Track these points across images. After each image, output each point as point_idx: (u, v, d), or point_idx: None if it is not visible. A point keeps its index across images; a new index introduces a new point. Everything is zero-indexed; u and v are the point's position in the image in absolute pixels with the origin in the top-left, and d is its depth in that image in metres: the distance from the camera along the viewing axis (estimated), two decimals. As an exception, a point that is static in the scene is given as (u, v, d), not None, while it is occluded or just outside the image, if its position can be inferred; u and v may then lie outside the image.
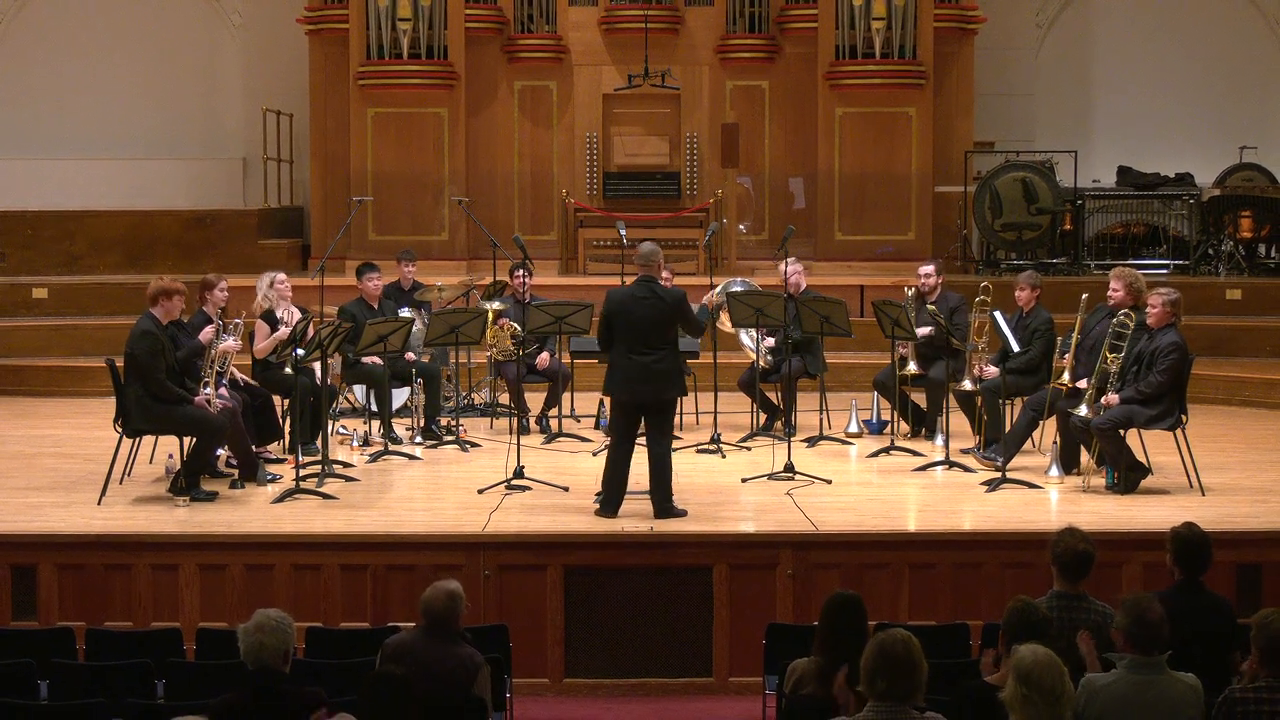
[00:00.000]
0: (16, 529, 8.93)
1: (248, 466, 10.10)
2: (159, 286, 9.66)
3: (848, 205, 16.64)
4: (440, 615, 6.30)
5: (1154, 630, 5.56)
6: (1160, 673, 5.53)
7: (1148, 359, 9.67)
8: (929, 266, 11.67)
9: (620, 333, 9.12)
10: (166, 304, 9.62)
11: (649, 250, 9.30)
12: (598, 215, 16.55)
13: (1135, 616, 5.58)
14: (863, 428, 12.01)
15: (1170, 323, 9.73)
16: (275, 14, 18.31)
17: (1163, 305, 9.73)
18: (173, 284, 9.72)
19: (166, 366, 9.49)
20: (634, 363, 9.09)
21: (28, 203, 17.46)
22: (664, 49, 16.57)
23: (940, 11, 16.69)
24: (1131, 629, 5.57)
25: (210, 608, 8.58)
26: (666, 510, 9.11)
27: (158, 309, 9.60)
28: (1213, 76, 18.88)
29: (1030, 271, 11.30)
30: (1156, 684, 5.50)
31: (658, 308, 9.13)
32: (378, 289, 11.94)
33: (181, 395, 9.51)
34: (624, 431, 9.22)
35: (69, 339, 15.12)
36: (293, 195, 18.46)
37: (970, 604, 8.51)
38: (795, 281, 11.93)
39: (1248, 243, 16.79)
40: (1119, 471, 9.76)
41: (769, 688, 7.15)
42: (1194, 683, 5.56)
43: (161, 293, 9.61)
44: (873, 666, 5.13)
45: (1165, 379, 9.58)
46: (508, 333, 11.68)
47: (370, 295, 11.88)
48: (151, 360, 9.42)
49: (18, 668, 6.71)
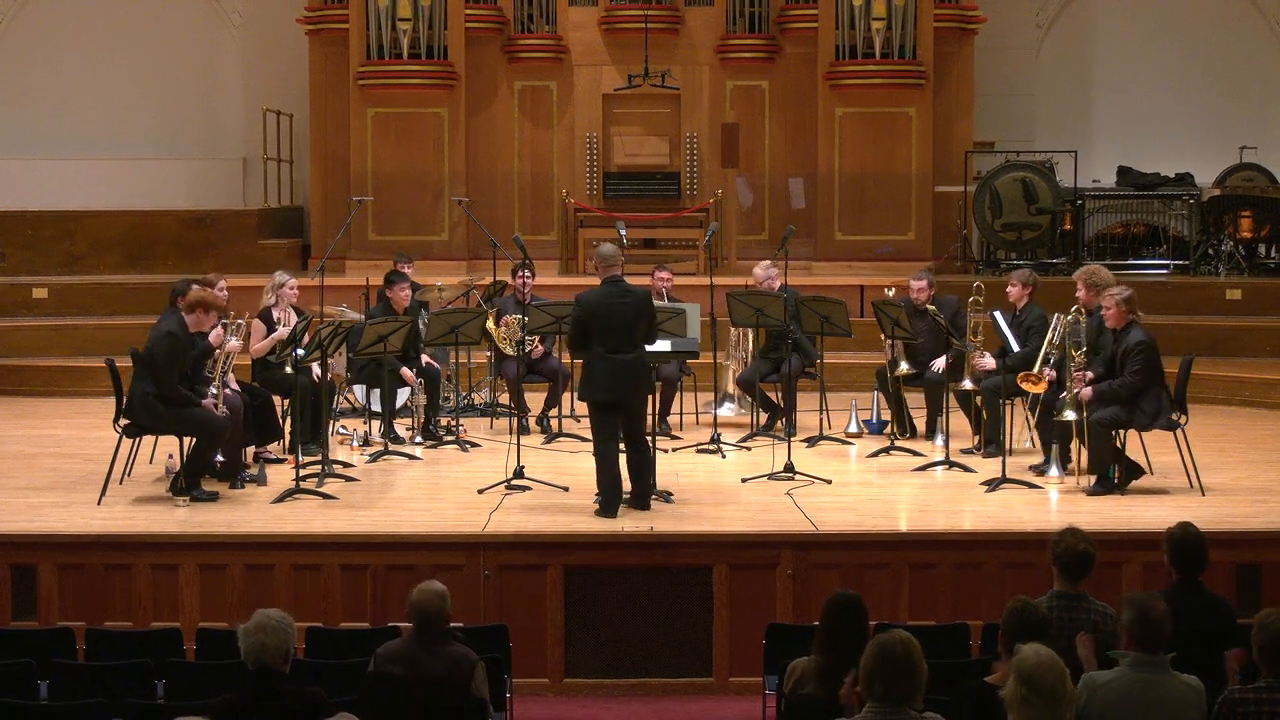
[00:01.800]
0: (16, 529, 8.93)
1: (230, 465, 10.04)
2: (200, 298, 9.44)
3: (848, 205, 16.64)
4: (432, 616, 6.29)
5: (1157, 628, 5.56)
6: (1163, 672, 5.52)
7: (1120, 361, 9.66)
8: (921, 281, 11.59)
9: (600, 334, 9.19)
10: (201, 317, 9.45)
11: (612, 251, 9.44)
12: (598, 215, 16.55)
13: (1139, 614, 5.57)
14: (863, 428, 12.01)
15: (1130, 320, 9.69)
16: (275, 14, 18.31)
17: (1116, 305, 9.69)
18: (215, 299, 9.52)
19: (181, 371, 9.45)
20: (617, 362, 9.17)
21: (28, 203, 17.46)
22: (664, 49, 16.57)
23: (940, 11, 16.68)
24: (1135, 626, 5.56)
25: (210, 608, 8.58)
26: (649, 502, 9.26)
27: (191, 317, 9.44)
28: (1213, 76, 18.89)
29: (1022, 269, 11.31)
30: (1159, 683, 5.50)
31: (634, 306, 9.28)
32: (406, 298, 11.80)
33: (189, 399, 9.45)
34: (610, 431, 9.26)
35: (69, 339, 15.12)
36: (293, 195, 18.46)
37: (970, 604, 8.51)
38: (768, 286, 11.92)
39: (1248, 243, 16.79)
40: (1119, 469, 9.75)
41: (769, 688, 7.14)
42: (1196, 684, 5.55)
43: (200, 304, 9.42)
44: (872, 668, 5.12)
45: (1138, 379, 9.56)
46: (516, 324, 11.69)
47: (398, 303, 11.73)
48: (169, 362, 9.32)
49: (18, 668, 6.71)
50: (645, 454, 9.36)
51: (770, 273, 12.03)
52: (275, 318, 10.87)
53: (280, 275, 11.21)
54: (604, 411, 9.27)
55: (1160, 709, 5.46)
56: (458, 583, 8.33)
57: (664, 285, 12.20)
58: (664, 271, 12.35)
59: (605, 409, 9.25)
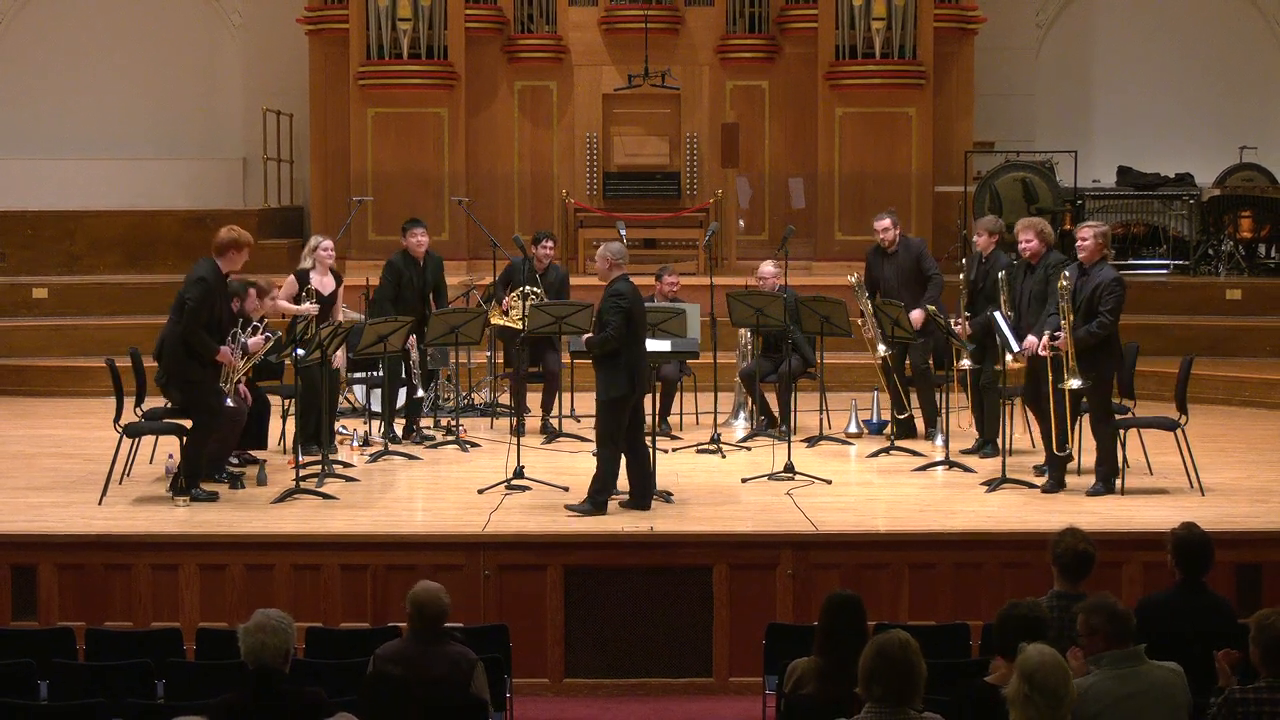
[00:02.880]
0: (16, 529, 8.93)
1: (214, 462, 9.97)
2: (230, 237, 9.56)
3: (848, 205, 16.62)
4: (432, 616, 6.29)
5: (1125, 620, 5.59)
6: (1141, 663, 5.54)
7: (1085, 300, 9.35)
8: (884, 220, 11.59)
9: (636, 328, 9.25)
10: (235, 256, 9.58)
11: (623, 250, 9.51)
12: (598, 215, 16.54)
13: (1108, 614, 5.59)
14: (863, 428, 12.01)
15: (1102, 257, 9.51)
16: (275, 14, 18.31)
17: (1094, 237, 9.46)
18: (243, 235, 9.64)
19: (210, 319, 9.45)
20: (642, 357, 9.27)
21: (28, 203, 17.46)
22: (664, 49, 16.57)
23: (940, 11, 16.68)
24: (1107, 625, 5.57)
25: (210, 608, 8.58)
26: (651, 501, 9.32)
27: (223, 259, 9.55)
28: (1213, 76, 18.89)
29: (988, 216, 11.34)
30: (1139, 674, 5.51)
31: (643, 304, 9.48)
32: (421, 245, 11.74)
33: (212, 349, 9.43)
34: (623, 428, 9.24)
35: (69, 339, 15.12)
36: (293, 195, 18.47)
37: (970, 604, 8.51)
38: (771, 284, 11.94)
39: (1248, 243, 16.80)
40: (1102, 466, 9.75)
41: (769, 688, 7.14)
42: (1176, 669, 5.57)
43: (232, 244, 9.54)
44: (870, 669, 5.12)
45: (1113, 317, 9.34)
46: (516, 298, 11.74)
47: (415, 250, 11.71)
48: (198, 306, 9.34)
49: (18, 668, 6.70)
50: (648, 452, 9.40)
51: (778, 270, 12.05)
52: (311, 282, 10.98)
53: (316, 238, 11.41)
54: (624, 408, 9.21)
55: (1148, 697, 5.48)
56: (458, 583, 8.34)
57: (671, 289, 12.20)
58: (671, 276, 12.33)
59: (626, 404, 9.22)
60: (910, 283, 11.40)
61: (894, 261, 11.52)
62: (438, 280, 11.89)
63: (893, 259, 11.53)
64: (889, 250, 11.55)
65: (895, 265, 11.50)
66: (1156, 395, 11.96)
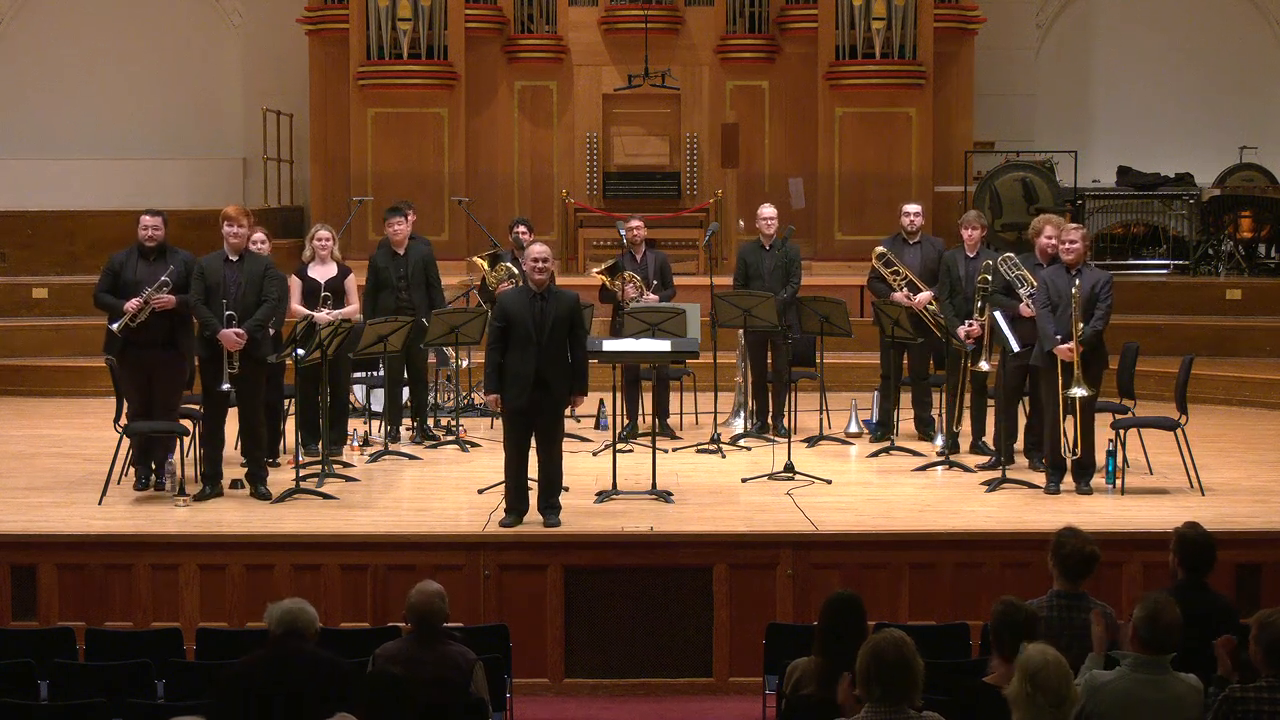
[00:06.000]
0: (16, 529, 8.93)
1: (209, 461, 9.90)
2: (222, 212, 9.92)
3: (848, 205, 16.63)
4: (431, 616, 6.29)
5: (1165, 633, 5.56)
6: (1165, 673, 5.54)
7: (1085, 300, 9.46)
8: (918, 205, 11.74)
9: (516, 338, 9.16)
10: (225, 230, 9.75)
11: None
12: (598, 215, 16.55)
13: (1149, 616, 5.56)
14: (863, 428, 12.00)
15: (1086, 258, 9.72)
16: (275, 14, 18.31)
17: (1084, 240, 9.66)
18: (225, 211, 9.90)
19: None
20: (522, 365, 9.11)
21: (28, 203, 17.46)
22: (664, 49, 16.57)
23: (940, 11, 16.68)
24: (1142, 625, 5.56)
25: (210, 608, 8.58)
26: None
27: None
28: (1213, 76, 18.88)
29: (973, 211, 11.38)
30: (1161, 684, 5.51)
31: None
32: (401, 233, 11.55)
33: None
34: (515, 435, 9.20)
35: (69, 339, 15.12)
36: (293, 195, 18.46)
37: (970, 604, 8.50)
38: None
39: (1248, 243, 16.80)
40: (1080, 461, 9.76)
41: (769, 688, 7.15)
42: (1196, 683, 5.57)
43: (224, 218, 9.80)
44: (867, 670, 5.12)
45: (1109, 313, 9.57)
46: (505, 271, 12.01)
47: (395, 241, 11.57)
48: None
49: (18, 668, 6.71)
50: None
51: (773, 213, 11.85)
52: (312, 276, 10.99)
53: (314, 228, 11.42)
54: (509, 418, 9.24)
55: (1163, 708, 5.47)
56: (458, 583, 8.35)
57: (637, 235, 11.89)
58: (634, 221, 12.03)
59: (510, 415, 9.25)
60: (928, 276, 11.36)
61: (915, 252, 11.48)
62: (427, 267, 11.66)
63: (914, 249, 11.50)
64: (910, 239, 11.52)
65: (917, 255, 11.46)
66: (1156, 395, 11.97)
